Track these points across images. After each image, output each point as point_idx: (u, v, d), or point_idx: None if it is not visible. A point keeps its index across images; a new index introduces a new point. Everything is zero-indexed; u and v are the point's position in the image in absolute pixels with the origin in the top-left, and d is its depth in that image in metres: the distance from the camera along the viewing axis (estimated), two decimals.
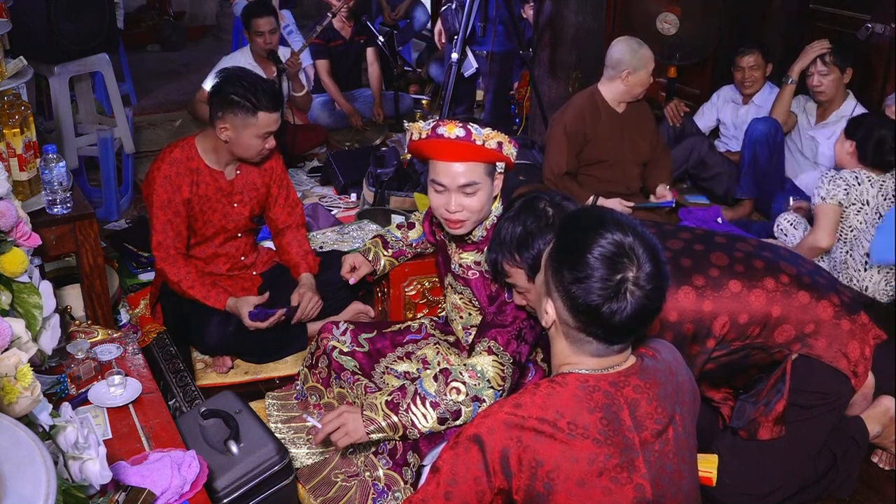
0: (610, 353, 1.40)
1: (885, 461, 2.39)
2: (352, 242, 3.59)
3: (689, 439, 1.48)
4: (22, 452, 1.15)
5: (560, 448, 1.34)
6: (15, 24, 2.56)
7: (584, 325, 1.37)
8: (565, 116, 3.49)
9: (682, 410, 1.46)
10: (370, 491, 2.06)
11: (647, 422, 1.39)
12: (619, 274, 1.31)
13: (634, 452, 1.37)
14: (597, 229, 1.34)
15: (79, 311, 2.68)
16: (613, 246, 1.32)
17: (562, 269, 1.36)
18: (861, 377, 2.09)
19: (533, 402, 1.38)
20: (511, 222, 1.86)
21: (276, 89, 2.66)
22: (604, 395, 1.38)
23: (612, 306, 1.32)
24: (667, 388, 1.44)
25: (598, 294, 1.31)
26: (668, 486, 1.41)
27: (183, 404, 2.57)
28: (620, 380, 1.40)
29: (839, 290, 2.12)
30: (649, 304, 1.33)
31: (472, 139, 2.01)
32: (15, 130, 2.40)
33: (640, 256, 1.32)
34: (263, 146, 2.62)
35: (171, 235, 2.65)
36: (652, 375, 1.43)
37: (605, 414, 1.36)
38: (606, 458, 1.35)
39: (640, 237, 1.34)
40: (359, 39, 5.31)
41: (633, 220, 1.38)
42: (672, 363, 1.50)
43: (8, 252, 1.71)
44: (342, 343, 2.39)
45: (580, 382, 1.39)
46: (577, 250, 1.34)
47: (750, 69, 4.10)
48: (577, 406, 1.36)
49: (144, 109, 5.70)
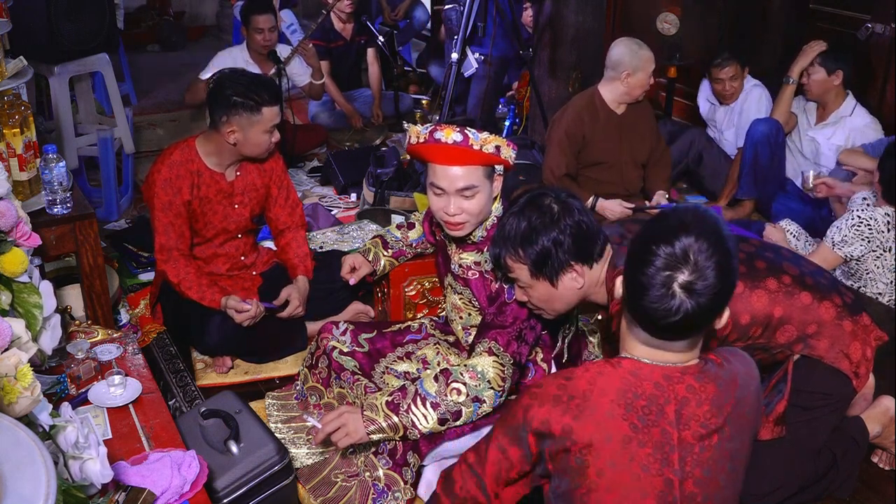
0: (660, 346, 1.41)
1: (885, 461, 2.39)
2: (352, 242, 3.59)
3: (738, 454, 1.48)
4: (22, 452, 1.15)
5: (597, 426, 1.37)
6: (15, 24, 2.56)
7: (630, 309, 1.41)
8: (565, 118, 3.49)
9: (736, 423, 1.46)
10: (370, 491, 2.06)
11: (692, 422, 1.40)
12: (669, 271, 1.33)
13: (670, 447, 1.38)
14: (679, 230, 1.35)
15: (79, 311, 2.68)
16: (681, 249, 1.33)
17: (634, 253, 1.40)
18: (862, 378, 2.08)
19: (583, 377, 1.42)
20: (516, 217, 1.86)
21: (272, 82, 2.69)
22: (653, 386, 1.40)
23: (653, 298, 1.34)
24: (723, 397, 1.44)
25: (646, 283, 1.34)
26: (699, 489, 1.41)
27: (183, 404, 2.57)
28: (675, 376, 1.41)
29: (841, 291, 2.11)
30: (695, 312, 1.34)
31: (470, 144, 2.01)
32: (15, 130, 2.39)
33: (703, 268, 1.32)
34: (271, 140, 2.65)
35: (173, 238, 2.65)
36: (710, 380, 1.43)
37: (648, 403, 1.39)
38: (640, 444, 1.37)
39: (720, 253, 1.34)
40: (359, 40, 5.31)
41: (727, 231, 1.37)
42: (741, 376, 1.49)
43: (8, 252, 1.71)
44: (342, 343, 2.38)
45: (634, 368, 1.42)
46: (653, 241, 1.36)
47: (730, 80, 4.09)
48: (623, 389, 1.39)
49: (144, 109, 5.70)
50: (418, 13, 6.52)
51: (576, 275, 1.84)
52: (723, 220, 1.41)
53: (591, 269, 1.87)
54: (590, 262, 1.86)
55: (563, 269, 1.83)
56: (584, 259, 1.85)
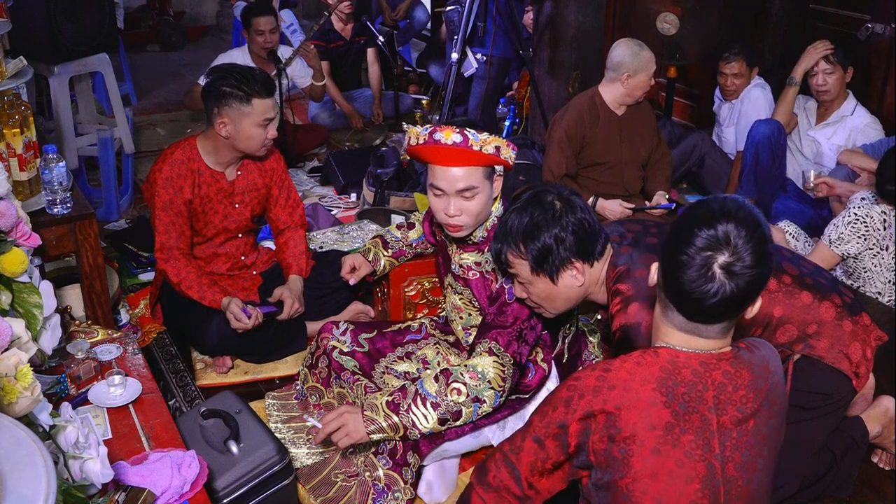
0: (696, 331, 1.43)
1: (885, 461, 2.39)
2: (352, 242, 3.59)
3: (772, 439, 1.50)
4: (22, 452, 1.15)
5: (640, 415, 1.39)
6: (15, 24, 2.56)
7: (665, 289, 1.42)
8: (565, 118, 3.49)
9: (770, 408, 1.49)
10: (370, 491, 2.06)
11: (730, 407, 1.42)
12: (709, 252, 1.34)
13: (710, 432, 1.41)
14: (719, 216, 1.36)
15: (79, 311, 2.68)
16: (723, 233, 1.35)
17: (672, 238, 1.41)
18: (862, 378, 2.08)
19: (622, 368, 1.44)
20: (518, 213, 1.86)
21: (267, 76, 2.63)
22: (691, 373, 1.42)
23: (691, 277, 1.35)
24: (758, 382, 1.47)
25: (684, 263, 1.36)
26: (739, 473, 1.43)
27: (183, 404, 2.57)
28: (712, 362, 1.43)
29: (841, 291, 2.11)
30: (732, 293, 1.35)
31: (470, 144, 2.00)
32: (15, 130, 2.39)
33: (742, 251, 1.34)
34: (265, 136, 2.61)
35: (173, 236, 2.64)
36: (745, 365, 1.46)
37: (688, 390, 1.41)
38: (682, 431, 1.39)
39: (757, 240, 1.35)
40: (359, 40, 5.31)
41: (761, 221, 1.39)
42: (771, 363, 1.52)
43: (8, 252, 1.71)
44: (342, 343, 2.38)
45: (671, 357, 1.43)
46: (692, 226, 1.37)
47: (733, 76, 4.08)
48: (663, 377, 1.41)
49: (144, 109, 5.70)
50: (418, 13, 6.52)
51: (576, 272, 1.84)
52: (758, 210, 1.42)
53: (591, 267, 1.87)
54: (590, 260, 1.86)
55: (563, 266, 1.83)
56: (585, 257, 1.85)
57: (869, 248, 2.90)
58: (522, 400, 2.23)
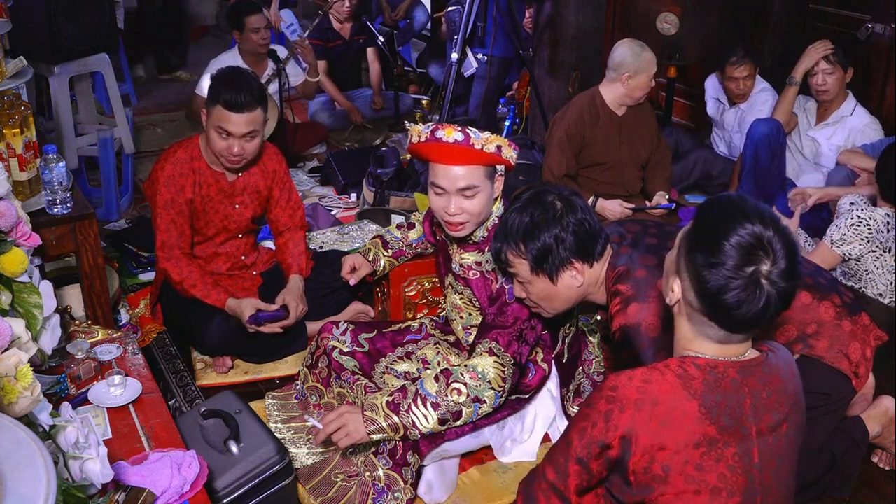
0: (731, 341, 1.40)
1: (885, 461, 2.39)
2: (352, 242, 3.59)
3: (796, 441, 1.48)
4: (22, 452, 1.15)
5: (686, 433, 1.35)
6: (15, 24, 2.56)
7: (709, 311, 1.37)
8: (565, 118, 3.49)
9: (798, 411, 1.47)
10: (370, 491, 2.06)
11: (765, 414, 1.40)
12: (752, 266, 1.30)
13: (751, 442, 1.39)
14: (738, 218, 1.32)
15: (79, 311, 2.68)
16: (752, 237, 1.30)
17: (695, 250, 1.36)
18: (862, 378, 2.08)
19: (663, 381, 1.38)
20: (518, 213, 1.86)
21: (255, 94, 2.52)
22: (731, 382, 1.39)
23: (739, 296, 1.31)
24: (787, 386, 1.45)
25: (727, 282, 1.31)
26: (774, 480, 1.42)
27: (183, 404, 2.57)
28: (749, 369, 1.41)
29: (840, 291, 2.11)
30: (778, 300, 1.32)
31: (471, 143, 2.01)
32: (15, 130, 2.39)
33: (777, 252, 1.31)
34: (225, 146, 2.54)
35: (174, 235, 2.64)
36: (775, 370, 1.44)
37: (729, 401, 1.37)
38: (725, 445, 1.37)
39: (781, 233, 1.32)
40: (358, 39, 5.31)
41: (776, 214, 1.36)
42: (793, 366, 1.50)
43: (8, 252, 1.71)
44: (342, 343, 2.38)
45: (710, 368, 1.39)
46: (714, 235, 1.33)
47: (744, 80, 4.08)
48: (706, 391, 1.37)
49: (144, 109, 5.70)
50: (418, 13, 6.52)
51: (576, 273, 1.85)
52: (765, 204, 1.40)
53: (591, 267, 1.87)
54: (590, 260, 1.86)
55: (563, 266, 1.83)
56: (585, 257, 1.85)
57: (872, 250, 2.90)
58: (522, 400, 2.23)
